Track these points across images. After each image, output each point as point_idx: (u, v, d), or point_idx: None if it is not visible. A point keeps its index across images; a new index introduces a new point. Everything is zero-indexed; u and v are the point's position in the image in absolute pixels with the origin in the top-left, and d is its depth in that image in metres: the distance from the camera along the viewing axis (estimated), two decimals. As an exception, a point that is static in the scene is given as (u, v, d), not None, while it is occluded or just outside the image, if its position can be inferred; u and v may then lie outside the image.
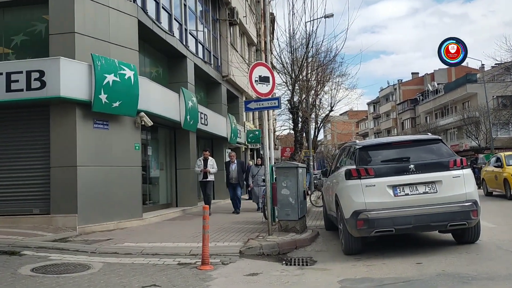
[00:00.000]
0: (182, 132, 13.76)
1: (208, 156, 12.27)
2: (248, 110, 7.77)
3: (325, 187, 8.92)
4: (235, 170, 12.88)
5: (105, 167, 9.58)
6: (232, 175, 12.88)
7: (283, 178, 8.04)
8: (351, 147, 6.90)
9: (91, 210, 9.16)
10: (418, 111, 62.24)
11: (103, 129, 9.62)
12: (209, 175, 12.16)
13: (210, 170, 12.11)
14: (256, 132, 22.12)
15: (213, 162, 12.33)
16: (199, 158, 12.48)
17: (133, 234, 8.75)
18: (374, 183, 6.04)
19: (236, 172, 12.82)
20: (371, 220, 5.90)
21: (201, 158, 12.34)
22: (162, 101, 11.69)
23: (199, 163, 12.22)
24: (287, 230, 8.02)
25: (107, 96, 9.26)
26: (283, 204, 8.03)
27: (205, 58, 16.34)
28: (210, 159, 12.32)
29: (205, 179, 12.18)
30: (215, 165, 12.36)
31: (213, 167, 12.22)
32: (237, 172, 12.82)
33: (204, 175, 12.13)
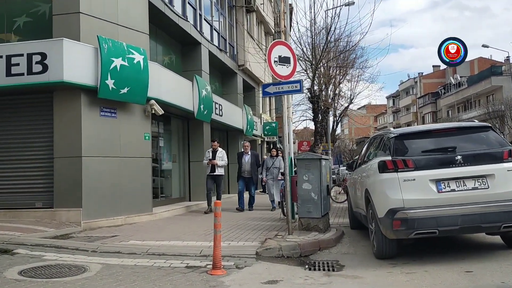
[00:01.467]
0: (195, 123, 13.06)
1: (218, 147, 10.96)
2: (266, 95, 6.98)
3: (351, 181, 8.09)
4: (248, 162, 11.42)
5: (113, 158, 8.93)
6: (245, 168, 11.44)
7: (305, 171, 7.24)
8: (383, 136, 6.06)
9: (97, 204, 8.52)
10: (440, 105, 60.51)
11: (110, 118, 8.95)
12: (218, 168, 10.79)
13: (218, 163, 10.73)
14: (273, 124, 21.32)
15: (222, 153, 10.98)
16: (207, 150, 11.24)
17: (141, 230, 8.08)
18: (413, 177, 5.20)
19: (249, 165, 11.35)
20: (411, 220, 5.07)
21: (210, 150, 11.08)
22: (174, 89, 10.98)
23: (208, 155, 10.95)
24: (308, 229, 7.23)
25: (114, 82, 8.57)
26: (304, 200, 7.24)
27: (220, 46, 15.59)
28: (220, 150, 10.97)
29: (212, 173, 10.81)
30: (224, 157, 11.05)
31: (223, 159, 10.88)
32: (250, 165, 11.35)
33: (212, 168, 10.79)
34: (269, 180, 11.19)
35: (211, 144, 11.16)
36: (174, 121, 12.88)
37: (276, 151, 11.41)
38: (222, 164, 10.86)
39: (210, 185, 10.90)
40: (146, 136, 9.73)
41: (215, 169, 10.77)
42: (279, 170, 10.98)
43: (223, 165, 10.91)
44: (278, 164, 11.13)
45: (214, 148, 10.88)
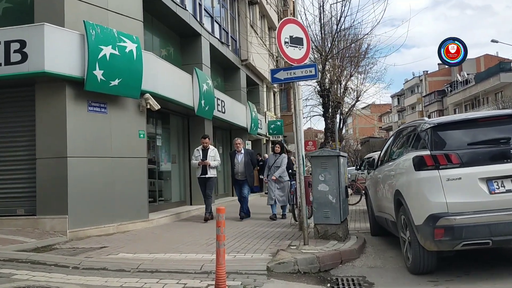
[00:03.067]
0: (196, 120, 12.13)
1: (209, 145, 9.44)
2: (275, 82, 6.03)
3: (372, 182, 7.12)
4: (241, 162, 9.57)
5: (103, 159, 8.00)
6: (238, 169, 9.60)
7: (321, 171, 6.28)
8: (416, 127, 5.09)
9: (85, 211, 7.59)
10: (446, 103, 59.37)
11: (100, 113, 8.02)
12: (210, 170, 9.27)
13: (211, 163, 9.23)
14: (278, 122, 20.37)
15: (215, 152, 9.45)
16: (196, 148, 9.58)
17: (135, 240, 7.14)
18: (459, 175, 4.24)
19: (243, 165, 9.54)
20: (457, 228, 4.11)
21: (199, 148, 9.42)
22: (172, 82, 10.04)
23: (197, 154, 9.34)
24: (326, 237, 6.27)
25: (103, 73, 7.65)
26: (320, 203, 6.28)
27: (222, 39, 14.66)
28: (211, 148, 9.43)
29: (204, 175, 9.27)
30: (217, 156, 9.48)
31: (215, 159, 9.36)
32: (244, 165, 9.54)
33: (203, 170, 9.25)
34: (270, 181, 9.48)
35: (201, 141, 9.50)
36: (173, 118, 11.95)
37: (281, 147, 9.75)
38: (215, 165, 9.36)
39: (204, 190, 9.47)
40: (140, 134, 8.79)
41: (206, 171, 9.25)
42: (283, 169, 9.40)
43: (216, 165, 9.42)
44: (280, 162, 9.39)
45: (205, 146, 9.34)
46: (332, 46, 10.85)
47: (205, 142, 9.34)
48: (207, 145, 9.36)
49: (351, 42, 10.74)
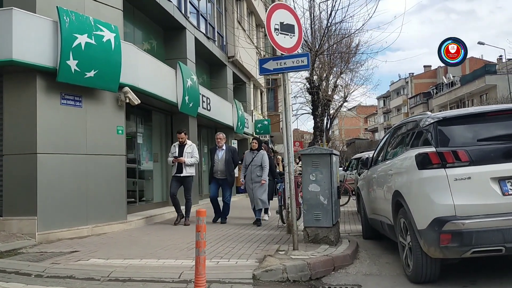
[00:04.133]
0: (179, 117, 11.58)
1: (186, 140, 8.53)
2: (264, 72, 5.54)
3: (365, 182, 6.69)
4: (222, 159, 8.63)
5: (77, 156, 7.42)
6: (217, 167, 8.68)
7: (312, 170, 5.82)
8: (417, 122, 4.66)
9: (56, 212, 7.01)
10: (432, 105, 59.68)
11: (74, 107, 7.45)
12: (186, 168, 8.37)
13: (187, 161, 8.33)
14: (265, 122, 19.92)
15: (192, 148, 8.51)
16: (173, 144, 8.78)
17: (109, 243, 6.58)
18: (468, 174, 3.82)
19: (224, 163, 8.60)
20: (467, 234, 3.69)
21: (176, 144, 8.59)
22: (153, 76, 9.49)
23: (173, 150, 8.53)
24: (316, 241, 5.81)
25: (77, 63, 7.08)
26: (311, 205, 5.82)
27: (208, 33, 14.13)
28: (189, 144, 8.50)
29: (179, 174, 8.39)
30: (195, 152, 8.55)
31: (193, 156, 8.47)
32: (224, 163, 8.60)
33: (179, 168, 8.38)
34: (248, 182, 8.51)
35: (177, 136, 8.60)
36: (156, 115, 11.39)
37: (258, 143, 8.61)
38: (192, 162, 8.45)
39: (174, 189, 8.44)
40: (119, 130, 8.23)
41: (182, 169, 8.38)
42: (262, 168, 8.40)
43: (193, 163, 8.51)
44: (259, 160, 8.40)
45: (182, 142, 8.47)
46: (322, 42, 10.44)
47: (180, 137, 8.44)
48: (184, 140, 8.46)
49: (342, 38, 10.35)
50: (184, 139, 8.49)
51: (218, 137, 8.86)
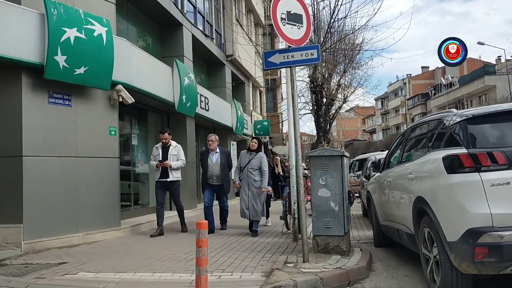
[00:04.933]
0: (177, 118, 11.09)
1: (169, 141, 7.69)
2: (270, 67, 5.06)
3: (378, 185, 6.21)
4: (216, 163, 7.74)
5: (66, 158, 6.91)
6: (212, 172, 7.71)
7: (321, 173, 5.34)
8: (442, 120, 4.18)
9: (44, 219, 6.50)
10: (430, 106, 59.48)
11: (63, 106, 6.94)
12: (172, 172, 7.57)
13: (173, 164, 7.54)
14: (264, 122, 19.44)
15: (178, 150, 7.69)
16: (155, 146, 7.92)
17: (101, 253, 6.07)
18: (507, 179, 3.35)
19: (219, 168, 7.73)
20: (507, 247, 3.22)
21: (159, 145, 7.74)
22: (149, 74, 8.99)
23: (156, 153, 7.67)
24: (327, 251, 5.33)
25: (66, 59, 6.57)
26: (320, 211, 5.34)
27: (206, 31, 13.64)
28: (174, 145, 7.68)
29: (164, 179, 7.55)
30: (181, 154, 7.72)
31: (179, 158, 7.66)
32: (220, 168, 7.73)
33: (163, 172, 7.55)
34: (243, 186, 7.43)
35: (160, 137, 7.78)
36: (152, 115, 10.89)
37: (258, 143, 7.64)
38: (179, 166, 7.61)
39: (161, 197, 7.65)
40: (112, 131, 7.73)
41: (167, 174, 7.52)
42: (260, 173, 7.41)
43: (180, 166, 7.67)
44: (257, 163, 7.41)
45: (165, 143, 7.62)
46: (325, 39, 9.98)
47: (164, 137, 7.60)
48: (167, 141, 7.62)
49: (346, 34, 9.89)
50: (168, 140, 7.64)
51: (210, 139, 7.89)
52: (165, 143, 7.65)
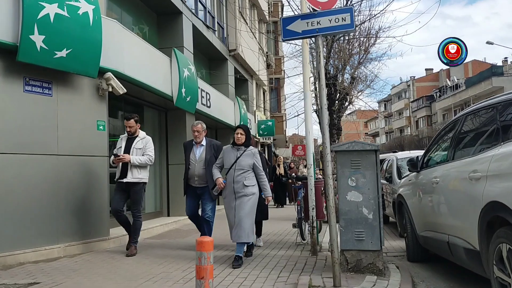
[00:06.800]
0: (176, 115, 10.10)
1: (137, 130, 6.03)
2: (289, 36, 4.00)
3: (415, 188, 5.19)
4: (199, 159, 5.84)
5: (45, 157, 5.90)
6: (194, 170, 5.84)
7: (351, 172, 4.34)
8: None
9: (17, 228, 5.48)
10: (435, 108, 58.55)
11: (41, 95, 5.94)
12: (133, 171, 5.85)
13: (132, 159, 5.80)
14: (269, 122, 18.45)
15: (146, 142, 6.00)
16: (120, 136, 6.24)
17: (83, 270, 5.05)
18: None
19: (203, 165, 5.78)
20: None
21: (124, 136, 6.09)
22: (144, 63, 8.01)
23: (119, 145, 6.04)
24: (359, 270, 4.30)
25: (45, 39, 5.58)
26: (350, 220, 4.32)
27: (207, 22, 12.66)
28: (141, 137, 6.02)
29: (122, 179, 5.87)
30: (149, 149, 5.98)
31: (145, 153, 5.93)
32: (204, 165, 5.78)
33: (123, 170, 5.85)
34: (229, 196, 5.24)
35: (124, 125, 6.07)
36: (148, 111, 9.89)
37: (246, 133, 5.37)
38: (142, 162, 5.88)
39: (118, 203, 5.91)
40: (100, 126, 6.72)
41: (127, 172, 5.85)
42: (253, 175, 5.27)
43: (144, 163, 5.92)
44: (247, 162, 5.22)
45: (130, 132, 5.98)
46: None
47: (129, 125, 5.91)
48: (133, 130, 5.95)
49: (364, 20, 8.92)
50: (134, 128, 5.95)
51: (195, 128, 5.93)
52: (130, 132, 5.96)
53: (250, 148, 5.36)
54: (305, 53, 5.47)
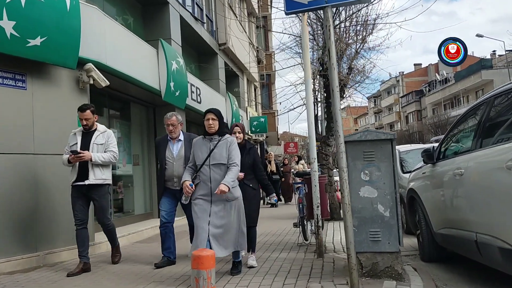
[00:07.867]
0: (164, 110, 9.31)
1: (95, 124, 5.08)
2: (293, 8, 3.49)
3: (431, 182, 4.71)
4: (178, 157, 4.95)
5: (20, 156, 5.34)
6: (172, 171, 4.94)
7: (364, 165, 3.85)
8: None
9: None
10: (425, 103, 58.65)
11: (14, 88, 5.36)
12: (95, 171, 4.92)
13: (93, 156, 4.86)
14: (261, 119, 17.95)
15: (107, 137, 5.07)
16: (72, 132, 5.16)
17: (62, 282, 4.49)
18: None
19: (182, 163, 4.86)
20: None
21: (78, 131, 5.10)
22: (128, 54, 7.45)
23: (72, 142, 5.02)
24: (375, 274, 3.82)
25: (15, 25, 5.02)
26: (364, 218, 3.84)
27: (195, 14, 12.11)
28: (101, 130, 5.09)
29: (80, 182, 4.91)
30: (112, 144, 5.07)
31: (108, 149, 5.02)
32: (183, 163, 4.82)
33: (81, 171, 4.92)
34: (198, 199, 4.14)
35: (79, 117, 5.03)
36: (135, 108, 9.33)
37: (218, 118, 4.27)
38: (105, 160, 4.97)
39: (81, 212, 4.98)
40: (81, 122, 6.14)
41: (88, 173, 4.90)
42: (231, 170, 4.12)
43: (109, 161, 5.02)
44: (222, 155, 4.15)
45: (86, 127, 4.99)
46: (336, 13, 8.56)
47: (85, 117, 4.91)
48: (90, 123, 4.96)
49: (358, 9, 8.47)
50: (91, 121, 4.97)
51: (169, 122, 4.98)
52: (86, 127, 4.99)
53: (225, 136, 4.25)
54: (305, 34, 4.98)
